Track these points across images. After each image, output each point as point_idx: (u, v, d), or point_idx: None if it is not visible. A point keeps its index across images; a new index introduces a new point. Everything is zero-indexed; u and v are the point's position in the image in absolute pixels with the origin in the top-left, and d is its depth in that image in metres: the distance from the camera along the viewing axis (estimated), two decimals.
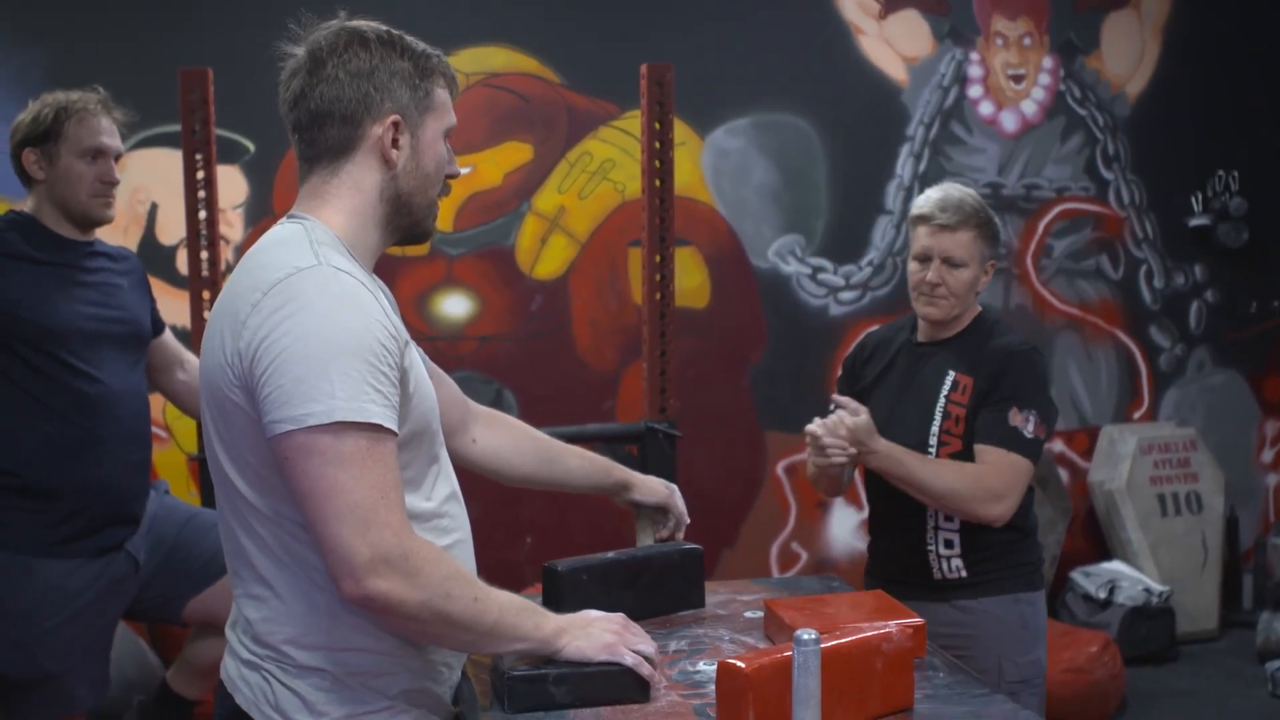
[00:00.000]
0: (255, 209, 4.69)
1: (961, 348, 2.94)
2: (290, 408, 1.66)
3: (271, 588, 1.80)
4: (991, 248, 2.93)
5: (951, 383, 2.90)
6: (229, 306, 1.77)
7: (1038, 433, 2.82)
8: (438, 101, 1.94)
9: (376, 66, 1.88)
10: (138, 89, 3.49)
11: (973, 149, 5.43)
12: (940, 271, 2.88)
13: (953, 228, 2.87)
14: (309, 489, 1.68)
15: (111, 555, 3.00)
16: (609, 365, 5.04)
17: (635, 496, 2.45)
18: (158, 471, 4.27)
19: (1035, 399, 2.83)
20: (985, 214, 2.92)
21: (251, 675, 1.83)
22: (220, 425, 1.79)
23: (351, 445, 1.67)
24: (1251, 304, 5.86)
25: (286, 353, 1.67)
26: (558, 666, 1.87)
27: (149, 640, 4.46)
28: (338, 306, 1.70)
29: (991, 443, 2.81)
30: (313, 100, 1.88)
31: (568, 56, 4.94)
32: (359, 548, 1.67)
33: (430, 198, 1.95)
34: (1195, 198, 5.74)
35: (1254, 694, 4.85)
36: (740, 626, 2.30)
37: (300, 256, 1.75)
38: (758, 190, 5.21)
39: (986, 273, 2.96)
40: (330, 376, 1.66)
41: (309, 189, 1.90)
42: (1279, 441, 5.98)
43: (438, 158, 1.94)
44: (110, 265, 3.10)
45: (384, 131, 1.87)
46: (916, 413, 2.92)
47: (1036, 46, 5.51)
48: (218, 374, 1.76)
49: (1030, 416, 2.80)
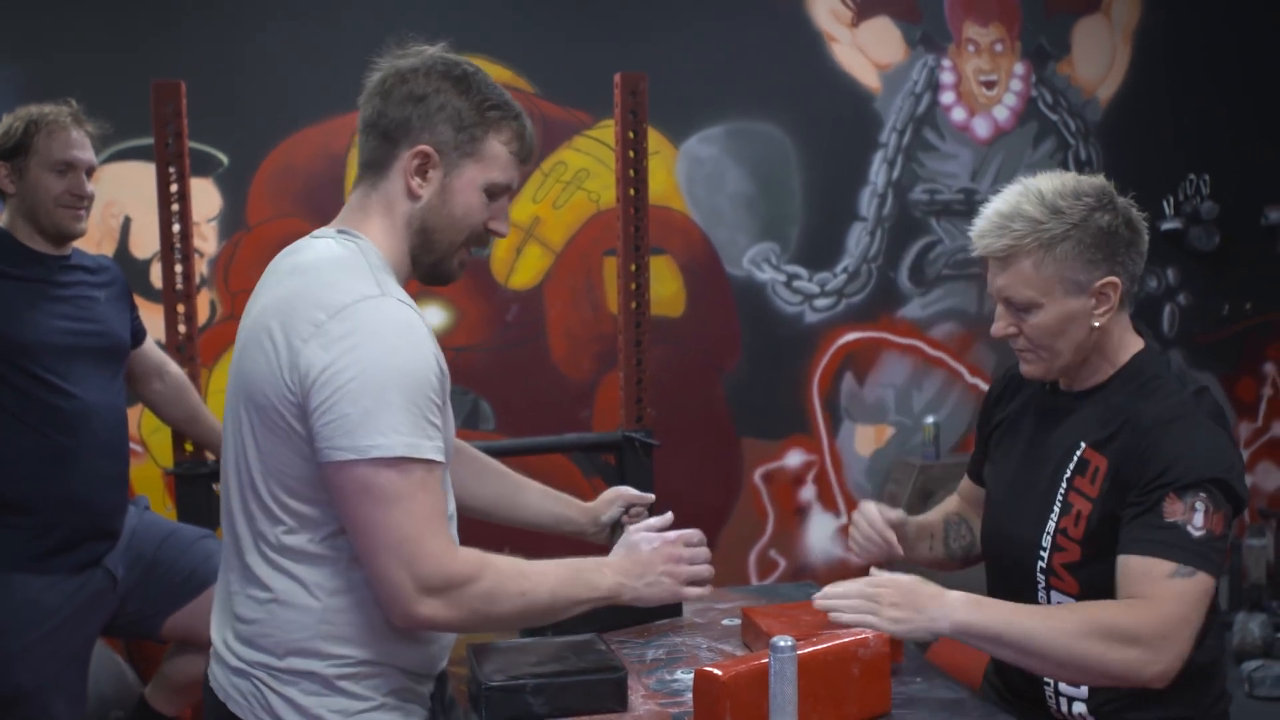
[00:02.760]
0: (229, 221, 4.68)
1: (1101, 407, 2.12)
2: (353, 438, 1.71)
3: (270, 590, 1.83)
4: (1089, 264, 2.05)
5: (1079, 462, 2.10)
6: (283, 318, 1.79)
7: (1211, 526, 1.93)
8: (487, 152, 1.92)
9: (428, 95, 1.90)
10: (111, 102, 3.48)
11: (946, 155, 5.45)
12: (1007, 318, 2.13)
13: (1002, 259, 2.08)
14: (362, 520, 1.74)
15: (89, 570, 2.99)
16: (585, 375, 5.04)
17: (603, 519, 2.41)
18: (134, 486, 4.26)
19: (1204, 480, 1.95)
20: (1061, 220, 2.05)
21: (242, 683, 1.85)
22: (258, 428, 1.81)
23: (407, 480, 1.73)
24: (1224, 306, 5.90)
25: (353, 383, 1.71)
26: (535, 677, 1.87)
27: (126, 657, 4.43)
28: (402, 340, 1.75)
29: (1137, 552, 1.95)
30: (369, 109, 1.94)
31: (541, 66, 4.94)
32: (404, 580, 1.74)
33: (453, 240, 1.94)
34: (1167, 202, 5.77)
35: (1231, 695, 4.86)
36: (718, 634, 2.31)
37: (364, 283, 1.78)
38: (732, 198, 5.21)
39: (1100, 297, 2.08)
40: (394, 411, 1.71)
41: (355, 199, 1.95)
42: (1253, 443, 6.01)
43: (468, 205, 1.93)
44: (87, 278, 3.08)
45: (411, 157, 1.89)
46: (1033, 499, 2.16)
47: (1008, 52, 5.54)
48: (266, 383, 1.79)
49: (1198, 505, 1.93)
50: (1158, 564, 1.91)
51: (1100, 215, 2.08)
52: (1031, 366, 2.14)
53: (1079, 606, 1.96)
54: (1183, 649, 1.90)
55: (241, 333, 1.92)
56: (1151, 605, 1.89)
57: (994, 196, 2.15)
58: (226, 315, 4.67)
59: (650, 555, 1.98)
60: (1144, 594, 1.91)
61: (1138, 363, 2.14)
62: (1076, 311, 2.07)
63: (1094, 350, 2.13)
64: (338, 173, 4.76)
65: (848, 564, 5.30)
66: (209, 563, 3.15)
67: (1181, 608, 1.90)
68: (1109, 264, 2.07)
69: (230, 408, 1.92)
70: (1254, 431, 5.99)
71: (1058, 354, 2.10)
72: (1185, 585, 1.90)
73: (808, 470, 5.27)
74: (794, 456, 5.20)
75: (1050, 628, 1.88)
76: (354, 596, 1.82)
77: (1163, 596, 1.89)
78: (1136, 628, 1.87)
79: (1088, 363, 2.14)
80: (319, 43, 4.70)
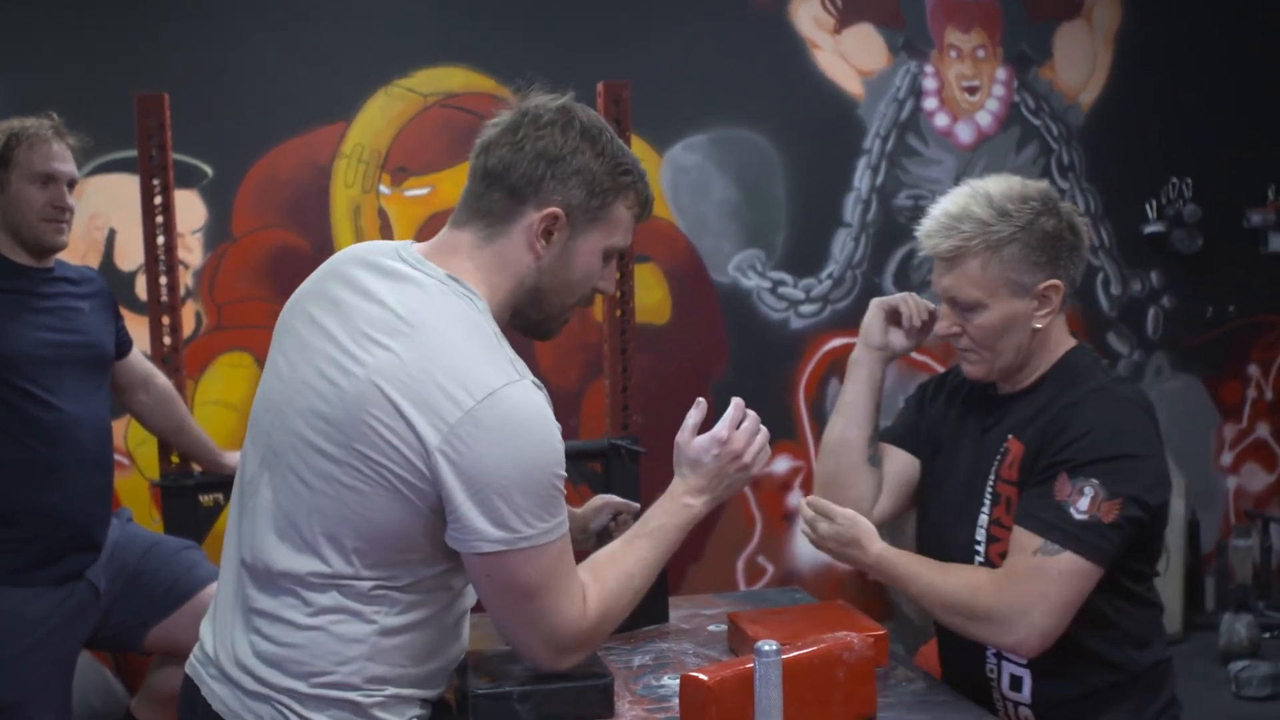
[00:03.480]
0: (214, 233, 4.68)
1: (1031, 403, 2.15)
2: (503, 531, 1.71)
3: (316, 617, 1.77)
4: (1034, 266, 2.09)
5: (1003, 451, 2.15)
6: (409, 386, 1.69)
7: (1097, 512, 1.95)
8: (613, 216, 1.87)
9: (565, 155, 1.81)
10: (95, 115, 3.48)
11: (929, 161, 5.46)
12: (951, 317, 2.16)
13: (949, 259, 2.11)
14: (503, 602, 1.79)
15: (72, 583, 2.99)
16: (571, 383, 5.04)
17: (591, 526, 2.42)
18: (120, 498, 4.26)
19: (1099, 463, 1.97)
20: (1009, 222, 2.08)
21: (263, 708, 1.80)
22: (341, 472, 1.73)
23: (547, 558, 1.75)
24: (1207, 309, 5.92)
25: (503, 479, 1.70)
26: (522, 684, 1.88)
27: (114, 670, 4.42)
28: (545, 433, 1.74)
29: (1018, 523, 2.02)
30: (493, 157, 1.84)
31: (523, 75, 4.93)
32: (544, 650, 1.83)
33: (565, 303, 1.91)
34: (1150, 205, 5.79)
35: (1218, 695, 4.89)
36: (704, 640, 2.31)
37: (503, 364, 1.74)
38: (717, 205, 5.22)
39: (1043, 299, 2.12)
40: (538, 500, 1.73)
41: (459, 243, 1.86)
42: (1238, 445, 6.03)
43: (587, 270, 1.88)
44: (70, 289, 3.08)
45: (540, 219, 1.82)
46: (967, 495, 2.20)
47: (990, 58, 5.56)
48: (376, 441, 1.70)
49: (1087, 489, 1.96)
50: (1029, 538, 1.97)
51: (1046, 219, 2.12)
52: (974, 367, 2.18)
53: (957, 578, 2.05)
54: (1041, 624, 1.95)
55: (300, 351, 1.83)
56: (1009, 580, 1.97)
57: (941, 198, 2.19)
58: (212, 326, 4.67)
59: (716, 465, 2.00)
60: (1011, 565, 1.99)
61: (1069, 359, 2.18)
62: (1020, 313, 2.11)
63: (1031, 353, 2.16)
64: (322, 184, 4.76)
65: (834, 570, 5.31)
66: (192, 574, 3.14)
67: (1039, 584, 1.94)
68: (1052, 267, 2.12)
69: (276, 428, 1.82)
70: (1239, 433, 6.02)
71: (999, 354, 2.14)
72: (1046, 562, 1.94)
73: (794, 476, 5.28)
74: (781, 463, 5.21)
75: (937, 584, 2.05)
76: (408, 636, 1.81)
77: (1022, 572, 1.96)
78: (989, 606, 1.97)
79: (1026, 366, 2.18)
80: (302, 54, 4.70)
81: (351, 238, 4.79)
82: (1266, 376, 6.03)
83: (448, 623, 1.88)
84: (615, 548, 1.95)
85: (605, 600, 1.86)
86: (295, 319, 1.90)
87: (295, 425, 1.79)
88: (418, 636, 1.82)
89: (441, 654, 1.88)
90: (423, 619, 1.82)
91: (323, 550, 1.76)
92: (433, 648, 1.85)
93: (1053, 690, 2.10)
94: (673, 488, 2.01)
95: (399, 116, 4.85)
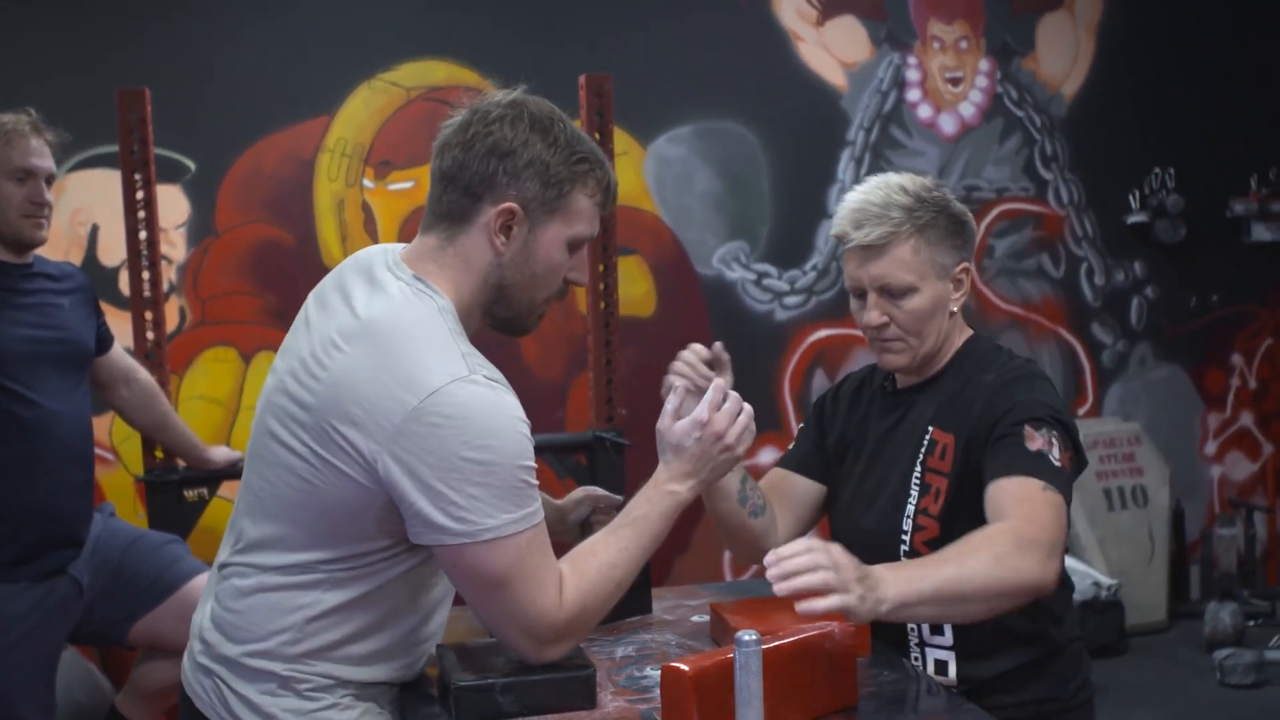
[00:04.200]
0: (197, 228, 4.67)
1: (943, 392, 2.20)
2: (462, 524, 1.73)
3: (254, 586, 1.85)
4: (952, 249, 2.16)
5: (928, 444, 2.17)
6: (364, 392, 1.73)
7: (1063, 461, 2.01)
8: (573, 207, 1.86)
9: (516, 149, 1.81)
10: (76, 110, 3.48)
11: (913, 152, 5.47)
12: (881, 306, 2.16)
13: (879, 246, 2.13)
14: (477, 596, 1.81)
15: (54, 579, 2.98)
16: (556, 376, 5.04)
17: (571, 518, 2.42)
18: (104, 494, 4.25)
19: (1053, 420, 2.04)
20: (928, 207, 2.14)
21: (206, 681, 1.88)
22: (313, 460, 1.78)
23: (515, 548, 1.76)
24: (1191, 299, 5.94)
25: (454, 474, 1.71)
26: (504, 676, 1.88)
27: (101, 666, 4.42)
28: (498, 425, 1.74)
29: (1011, 474, 1.99)
30: (447, 158, 1.85)
31: (505, 68, 4.87)
32: (525, 642, 1.83)
33: (533, 298, 1.90)
34: (1133, 195, 5.81)
35: (1202, 683, 4.91)
36: (687, 631, 2.31)
37: (452, 362, 1.74)
38: (701, 198, 5.23)
39: (957, 283, 2.19)
40: (502, 494, 1.74)
41: (425, 249, 1.87)
42: (1222, 434, 6.05)
43: (550, 261, 1.87)
44: (50, 285, 3.08)
45: (496, 215, 1.82)
46: (888, 493, 2.21)
47: (973, 49, 5.56)
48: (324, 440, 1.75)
49: (1054, 439, 2.01)
50: (1028, 481, 1.96)
51: (951, 206, 2.19)
52: (898, 356, 2.19)
53: (974, 538, 1.88)
54: (1062, 559, 1.98)
55: (288, 349, 1.90)
56: (1038, 513, 1.92)
57: (851, 194, 2.20)
58: (196, 321, 4.66)
59: (699, 448, 1.98)
60: (1022, 504, 1.94)
61: (970, 346, 2.24)
62: (942, 295, 2.17)
63: (944, 338, 2.21)
64: (306, 178, 4.76)
65: None
66: (175, 568, 3.14)
67: (1059, 518, 1.94)
68: (963, 250, 2.19)
69: (259, 419, 1.90)
70: (1222, 422, 6.04)
71: (924, 339, 2.17)
72: (1055, 499, 1.95)
73: None
74: (766, 454, 5.21)
75: (972, 568, 1.81)
76: (347, 614, 1.85)
77: (1043, 507, 1.93)
78: (1036, 535, 1.88)
79: (933, 354, 2.21)
80: (285, 48, 4.70)
81: (335, 232, 4.79)
82: (1250, 365, 6.05)
83: (394, 605, 1.89)
84: (597, 539, 1.95)
85: (584, 591, 1.86)
86: (299, 318, 1.97)
87: (268, 421, 1.86)
88: (358, 615, 1.85)
89: (385, 635, 1.89)
90: (362, 599, 1.84)
91: (278, 529, 1.83)
92: (375, 628, 1.87)
93: (976, 670, 2.13)
94: (656, 475, 2.01)
95: (382, 110, 4.84)
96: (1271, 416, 6.10)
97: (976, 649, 2.13)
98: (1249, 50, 5.89)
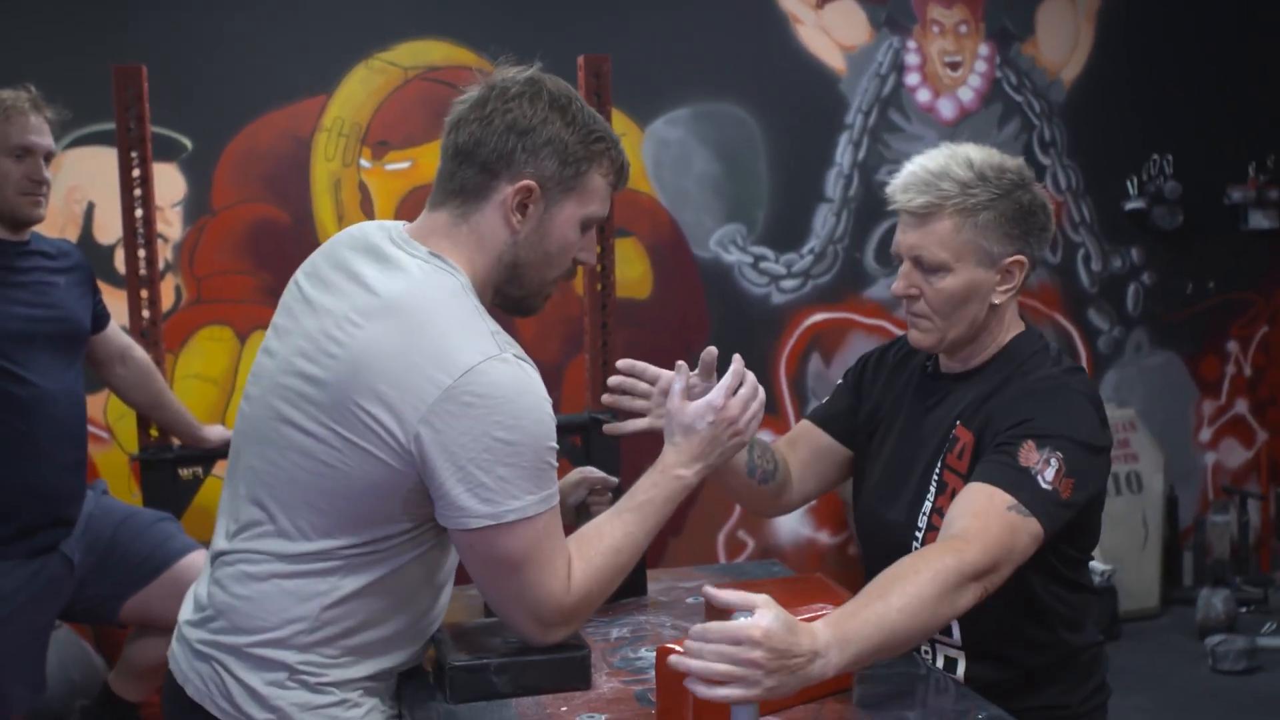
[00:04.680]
0: (193, 206, 4.66)
1: (979, 387, 2.10)
2: (490, 505, 1.73)
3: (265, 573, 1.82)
4: (1006, 237, 2.04)
5: (952, 439, 2.08)
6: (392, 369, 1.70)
7: (1058, 486, 1.89)
8: (589, 186, 1.85)
9: (534, 126, 1.80)
10: (73, 87, 3.47)
11: (911, 136, 5.46)
12: (911, 277, 2.08)
13: (921, 215, 2.04)
14: (490, 577, 1.81)
15: (46, 556, 2.98)
16: (553, 357, 5.04)
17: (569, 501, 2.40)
18: (99, 472, 4.24)
19: (1064, 439, 1.92)
20: (989, 187, 2.02)
21: (203, 667, 1.85)
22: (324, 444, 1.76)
23: (534, 531, 1.76)
24: (1187, 285, 5.94)
25: (486, 454, 1.70)
26: (499, 656, 1.88)
27: (95, 644, 4.42)
28: (529, 405, 1.73)
29: (985, 481, 1.90)
30: (463, 134, 1.83)
31: (504, 49, 4.90)
32: (531, 625, 1.84)
33: (544, 277, 1.89)
34: (1130, 182, 5.80)
35: (1195, 669, 4.93)
36: (681, 613, 2.32)
37: (483, 340, 1.73)
38: (698, 180, 5.22)
39: (1006, 274, 2.07)
40: (524, 474, 1.73)
41: (437, 225, 1.86)
42: (1217, 421, 6.06)
43: (564, 241, 1.87)
44: (45, 263, 3.07)
45: (514, 193, 1.81)
46: (910, 482, 2.13)
47: (972, 34, 5.55)
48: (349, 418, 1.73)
49: (1053, 460, 1.89)
50: (999, 494, 1.86)
51: (1022, 193, 2.06)
52: (924, 335, 2.11)
53: (915, 573, 1.75)
54: (1004, 577, 1.83)
55: (290, 330, 1.86)
56: (987, 532, 1.81)
57: (918, 155, 2.12)
58: (192, 300, 4.66)
59: (710, 431, 1.96)
60: (978, 519, 1.83)
61: (1017, 344, 2.13)
62: (982, 283, 2.05)
63: (983, 329, 2.11)
64: (302, 157, 4.74)
65: (815, 544, 5.33)
66: (167, 545, 3.14)
67: (1009, 537, 1.83)
68: (1021, 242, 2.06)
69: (260, 403, 1.86)
70: (1217, 409, 6.04)
71: (954, 324, 2.07)
72: (1019, 521, 1.84)
73: None
74: (761, 437, 5.22)
75: (909, 611, 1.71)
76: (362, 600, 1.83)
77: (995, 523, 1.83)
78: (977, 562, 1.78)
79: (975, 342, 2.12)
80: (282, 26, 4.68)
81: (332, 211, 4.78)
82: (1245, 353, 6.05)
83: (409, 588, 1.88)
84: (603, 522, 1.94)
85: (590, 576, 1.86)
86: (290, 299, 1.92)
87: (276, 403, 1.82)
88: (373, 601, 1.83)
89: (398, 620, 1.88)
90: (379, 583, 1.82)
91: (293, 516, 1.79)
92: (389, 613, 1.86)
93: (986, 672, 2.08)
94: (664, 458, 1.98)
95: (380, 90, 4.83)
96: (1266, 404, 6.11)
97: (987, 650, 2.08)
98: (1248, 39, 5.88)
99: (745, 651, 1.55)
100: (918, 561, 1.79)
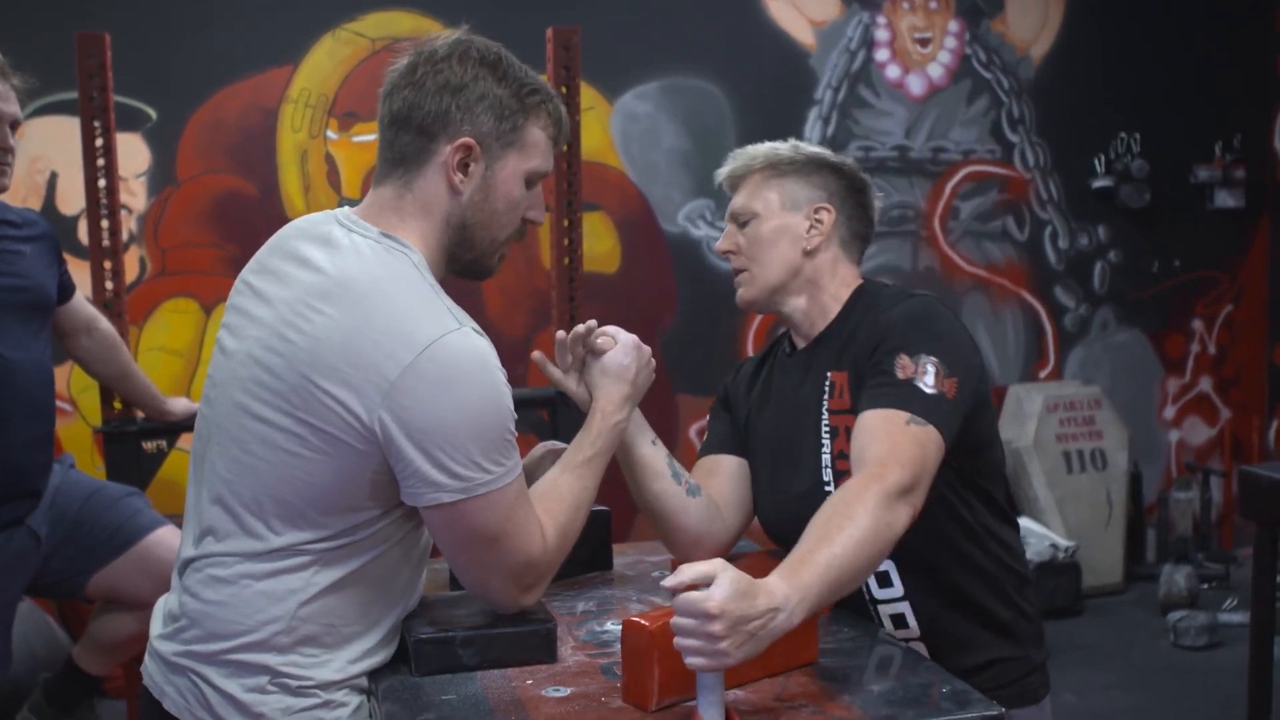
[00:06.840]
0: (158, 177, 4.62)
1: (838, 339, 2.15)
2: (456, 480, 1.72)
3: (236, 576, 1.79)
4: (807, 185, 2.19)
5: (829, 386, 2.13)
6: (351, 348, 1.69)
7: (943, 388, 1.93)
8: (528, 140, 1.85)
9: (466, 84, 1.79)
10: (35, 55, 3.42)
11: (880, 112, 5.47)
12: (731, 236, 2.24)
13: (738, 178, 2.25)
14: (465, 552, 1.81)
15: (12, 530, 2.95)
16: (520, 331, 5.03)
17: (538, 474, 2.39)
18: (63, 445, 4.21)
19: (931, 342, 1.98)
20: (786, 155, 2.20)
21: (179, 680, 1.81)
22: (285, 435, 1.74)
23: (504, 501, 1.77)
24: (1153, 264, 5.98)
25: (449, 429, 1.69)
26: (464, 629, 1.87)
27: (59, 618, 4.40)
28: (492, 378, 1.74)
29: (876, 406, 1.93)
30: (396, 101, 1.82)
31: (474, 20, 4.88)
32: (510, 590, 1.85)
33: (495, 236, 1.88)
34: (1098, 160, 5.83)
35: (1156, 644, 4.97)
36: (647, 586, 2.32)
37: (441, 314, 1.72)
38: (667, 154, 5.21)
39: (814, 222, 2.18)
40: (489, 446, 1.73)
41: (383, 200, 1.84)
42: (1181, 398, 6.10)
43: (510, 197, 1.85)
44: (11, 232, 3.03)
45: (453, 151, 1.80)
46: (805, 448, 2.16)
47: (942, 10, 5.55)
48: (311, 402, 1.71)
49: (929, 366, 1.94)
50: (896, 414, 1.90)
51: (830, 167, 2.22)
52: (745, 288, 2.24)
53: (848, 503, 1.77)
54: (919, 497, 1.84)
55: (244, 325, 1.83)
56: (899, 450, 1.85)
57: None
58: (157, 272, 4.62)
59: (637, 363, 2.13)
60: (884, 441, 1.87)
61: (858, 294, 2.19)
62: (790, 225, 2.17)
63: (812, 287, 2.19)
64: (269, 128, 4.71)
65: None
66: (133, 521, 3.11)
67: (919, 451, 1.86)
68: (827, 194, 2.19)
69: (221, 400, 1.83)
70: (1182, 387, 6.09)
71: (766, 267, 2.19)
72: (920, 433, 1.88)
73: None
74: None
75: (853, 547, 1.72)
76: (339, 594, 1.80)
77: (901, 440, 1.86)
78: (899, 479, 1.81)
79: (814, 305, 2.19)
80: None
81: (298, 183, 4.75)
82: (1210, 331, 6.10)
83: (384, 580, 1.86)
84: (559, 480, 1.95)
85: (560, 533, 1.89)
86: (240, 295, 1.90)
87: (237, 396, 1.80)
88: (351, 593, 1.81)
89: (376, 614, 1.86)
90: (353, 576, 1.80)
91: (259, 512, 1.77)
92: (367, 608, 1.84)
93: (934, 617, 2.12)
94: (601, 407, 2.06)
95: (346, 61, 4.80)
96: (1230, 382, 6.16)
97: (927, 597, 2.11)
98: (1216, 19, 5.90)
99: (704, 625, 1.57)
100: (846, 495, 1.80)
